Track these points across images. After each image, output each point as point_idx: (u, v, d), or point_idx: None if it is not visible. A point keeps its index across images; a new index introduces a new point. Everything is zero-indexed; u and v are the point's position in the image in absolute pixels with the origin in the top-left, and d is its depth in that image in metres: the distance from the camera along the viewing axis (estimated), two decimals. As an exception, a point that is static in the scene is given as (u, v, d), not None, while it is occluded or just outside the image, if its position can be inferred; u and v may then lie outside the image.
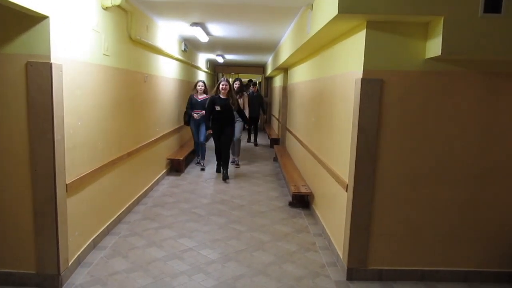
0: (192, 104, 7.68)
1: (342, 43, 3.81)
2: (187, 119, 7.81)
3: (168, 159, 7.26)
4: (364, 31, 3.11)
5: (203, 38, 7.11)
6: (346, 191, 3.47)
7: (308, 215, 5.17)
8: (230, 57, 12.06)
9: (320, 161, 4.76)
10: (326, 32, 3.72)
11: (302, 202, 5.48)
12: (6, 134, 2.98)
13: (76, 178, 3.36)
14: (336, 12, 2.87)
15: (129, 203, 5.00)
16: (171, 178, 6.99)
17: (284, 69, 9.56)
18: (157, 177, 6.47)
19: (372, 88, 3.14)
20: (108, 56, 4.05)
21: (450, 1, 2.81)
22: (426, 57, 3.10)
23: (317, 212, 4.95)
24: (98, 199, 3.95)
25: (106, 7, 3.83)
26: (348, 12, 2.86)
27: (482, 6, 2.77)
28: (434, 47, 2.95)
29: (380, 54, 3.12)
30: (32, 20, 2.84)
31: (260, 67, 15.58)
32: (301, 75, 6.92)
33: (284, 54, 7.22)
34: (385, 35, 3.09)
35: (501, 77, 3.17)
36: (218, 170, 7.51)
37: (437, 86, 3.17)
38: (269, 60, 12.61)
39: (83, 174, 3.51)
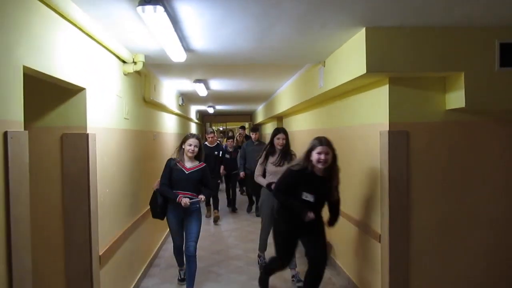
0: (173, 179, 3.97)
1: (360, 96, 3.95)
2: (159, 206, 4.02)
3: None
4: (387, 86, 3.27)
5: (203, 92, 7.26)
6: (379, 241, 3.48)
7: (328, 265, 5.08)
8: (220, 107, 12.27)
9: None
10: (344, 87, 3.89)
11: (318, 252, 5.40)
12: (40, 207, 2.88)
13: (107, 248, 3.26)
14: (364, 71, 3.03)
15: (144, 266, 4.81)
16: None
17: (278, 117, 9.77)
18: (165, 234, 6.29)
19: (399, 140, 3.26)
20: (128, 119, 4.08)
21: (467, 58, 3.03)
22: (447, 108, 3.27)
23: (337, 261, 4.89)
24: (122, 266, 3.80)
25: (128, 73, 3.91)
26: (376, 71, 3.03)
27: (498, 61, 3.00)
28: (456, 100, 3.13)
29: (403, 107, 3.28)
30: (70, 92, 2.86)
31: (248, 115, 15.87)
32: (304, 123, 7.05)
33: (283, 104, 7.42)
34: (407, 90, 3.27)
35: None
36: None
37: (460, 135, 3.33)
38: (258, 108, 12.88)
39: (111, 243, 3.40)
